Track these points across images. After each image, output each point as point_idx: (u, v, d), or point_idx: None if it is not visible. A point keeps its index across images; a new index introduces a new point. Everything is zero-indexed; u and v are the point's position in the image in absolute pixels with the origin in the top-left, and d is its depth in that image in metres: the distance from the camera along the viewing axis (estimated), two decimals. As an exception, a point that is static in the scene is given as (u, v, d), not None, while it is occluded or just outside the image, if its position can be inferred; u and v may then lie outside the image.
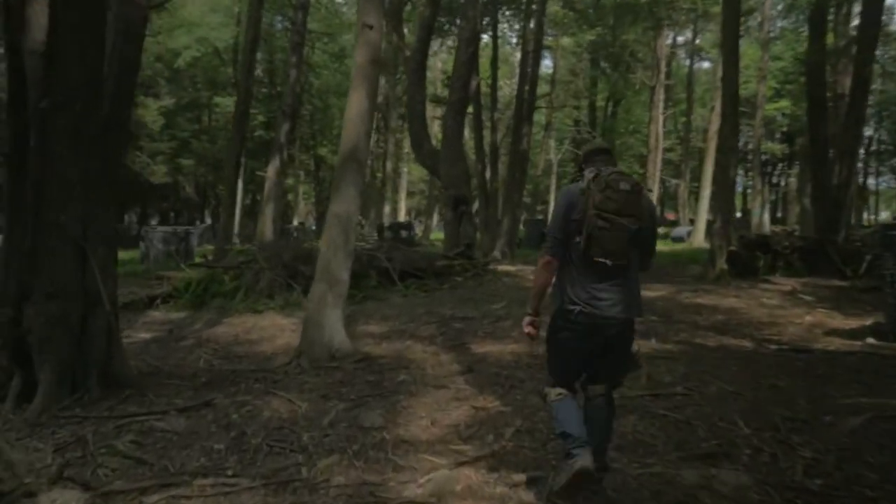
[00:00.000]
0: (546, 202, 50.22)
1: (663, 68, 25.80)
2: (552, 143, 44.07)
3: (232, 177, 13.79)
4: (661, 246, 27.23)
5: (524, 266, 16.32)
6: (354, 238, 6.39)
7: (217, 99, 28.58)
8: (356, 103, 6.32)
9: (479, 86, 17.45)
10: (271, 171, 20.48)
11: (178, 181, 32.61)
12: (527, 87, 17.88)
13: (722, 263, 12.16)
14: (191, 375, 5.74)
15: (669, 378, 5.26)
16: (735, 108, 11.99)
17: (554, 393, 3.08)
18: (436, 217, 41.31)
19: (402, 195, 47.63)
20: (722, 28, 12.39)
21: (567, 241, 2.97)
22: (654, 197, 26.06)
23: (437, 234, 36.63)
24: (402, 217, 47.10)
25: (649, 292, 11.10)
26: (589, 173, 2.97)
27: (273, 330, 8.16)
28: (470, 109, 18.27)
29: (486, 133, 20.29)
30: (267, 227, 20.09)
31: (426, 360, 6.19)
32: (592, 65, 29.61)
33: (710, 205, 17.04)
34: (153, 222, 38.32)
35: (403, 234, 17.62)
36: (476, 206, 20.69)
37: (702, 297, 10.25)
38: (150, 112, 27.05)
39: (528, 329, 3.17)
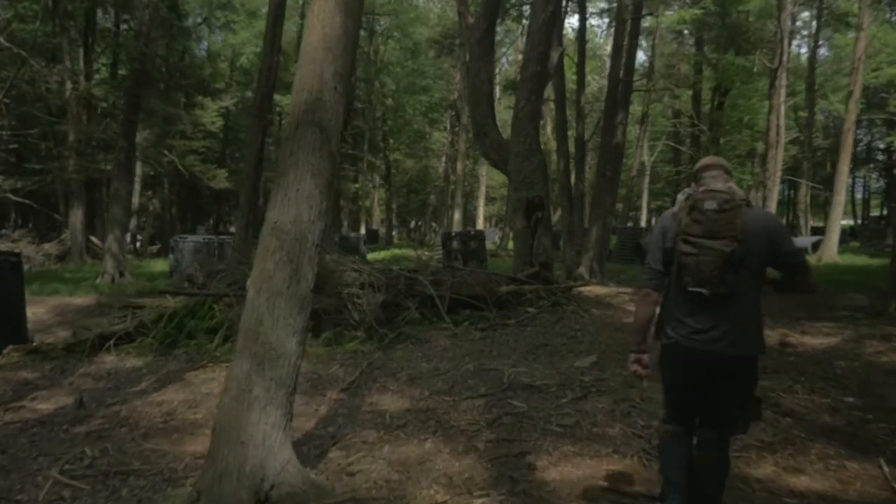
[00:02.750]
0: (637, 208, 45.72)
1: (787, 47, 21.55)
2: (646, 142, 39.77)
3: (251, 176, 11.25)
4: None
5: (619, 288, 12.95)
6: (314, 269, 3.47)
7: (276, 96, 26.60)
8: (320, 21, 3.40)
9: (562, 58, 14.18)
10: (322, 172, 18.10)
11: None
12: (622, 68, 14.50)
13: (913, 294, 8.43)
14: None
15: None
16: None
17: (663, 429, 2.97)
18: (515, 224, 38.23)
19: (481, 201, 44.56)
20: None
21: (666, 270, 2.73)
22: (772, 203, 21.80)
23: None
24: (480, 225, 44.04)
25: (810, 337, 7.56)
26: (681, 195, 2.74)
27: (238, 399, 5.38)
28: (550, 95, 15.08)
29: (569, 130, 16.97)
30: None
31: (441, 517, 3.18)
32: (698, 47, 25.54)
33: None
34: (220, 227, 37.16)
35: (472, 245, 14.61)
36: (557, 213, 17.40)
37: (905, 352, 6.64)
38: (209, 113, 25.42)
39: (633, 367, 2.87)
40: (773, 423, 4.49)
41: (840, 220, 22.84)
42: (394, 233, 50.87)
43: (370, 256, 26.30)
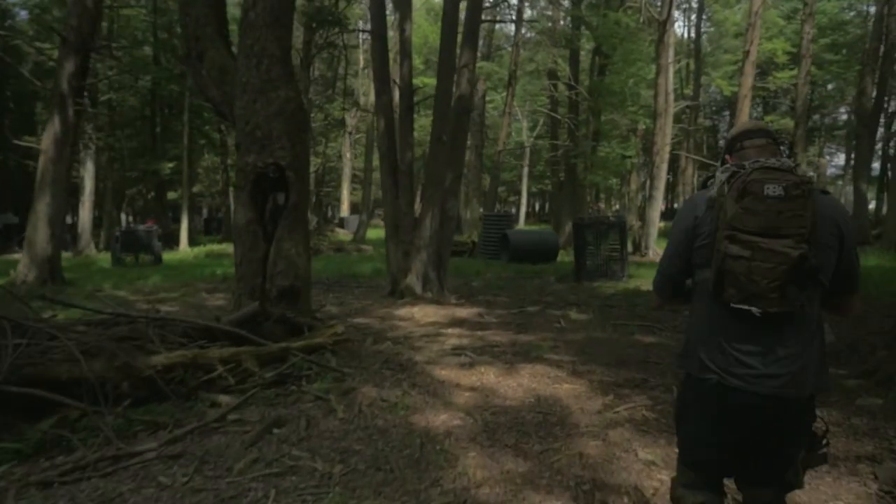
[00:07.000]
0: (518, 192, 42.14)
1: (674, -1, 18.10)
2: (524, 122, 36.12)
3: None
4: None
5: (456, 309, 8.46)
6: None
7: None
8: None
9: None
10: (47, 140, 12.41)
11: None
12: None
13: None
14: None
15: None
16: None
17: (688, 499, 1.98)
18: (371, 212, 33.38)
19: (346, 185, 39.04)
20: None
21: (689, 275, 1.96)
22: (661, 183, 18.30)
23: (375, 231, 28.26)
24: (344, 212, 38.56)
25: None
26: (723, 172, 1.83)
27: None
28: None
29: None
30: (40, 232, 12.02)
31: None
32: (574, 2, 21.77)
33: None
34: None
35: (145, 239, 9.72)
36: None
37: None
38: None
39: None
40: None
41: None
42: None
43: (182, 255, 20.65)
